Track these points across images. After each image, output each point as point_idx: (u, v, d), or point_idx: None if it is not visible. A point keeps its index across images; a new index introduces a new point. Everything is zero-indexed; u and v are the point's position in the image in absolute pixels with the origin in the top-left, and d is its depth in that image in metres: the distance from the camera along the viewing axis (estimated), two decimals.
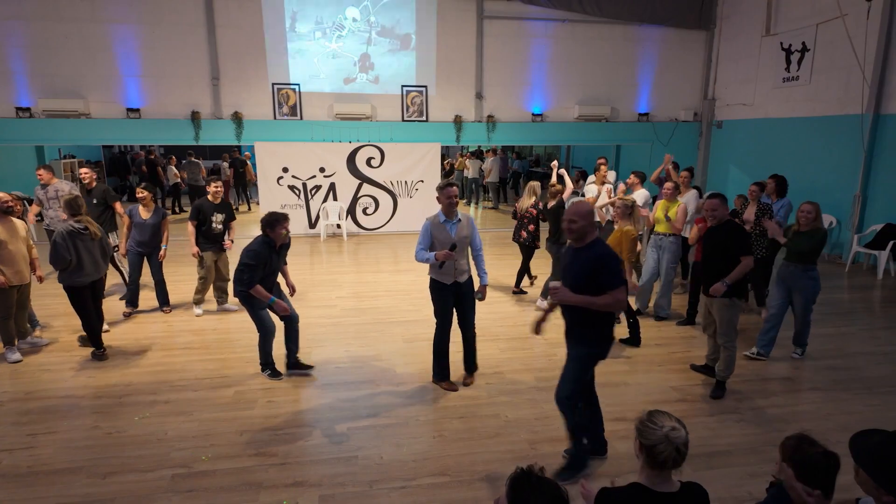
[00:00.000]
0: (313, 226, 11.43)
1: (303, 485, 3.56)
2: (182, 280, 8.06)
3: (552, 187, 7.02)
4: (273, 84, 11.69)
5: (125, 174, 17.90)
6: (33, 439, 4.05)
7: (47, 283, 6.77)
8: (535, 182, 7.58)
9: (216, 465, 3.75)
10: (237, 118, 11.60)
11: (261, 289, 4.65)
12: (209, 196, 6.55)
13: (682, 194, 6.91)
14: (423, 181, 11.64)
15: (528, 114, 12.82)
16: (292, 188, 11.23)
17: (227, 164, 15.07)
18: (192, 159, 14.01)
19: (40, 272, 5.67)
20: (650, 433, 1.95)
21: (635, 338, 5.81)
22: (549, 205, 6.88)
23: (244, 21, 11.35)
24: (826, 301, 7.19)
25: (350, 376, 5.09)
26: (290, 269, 8.77)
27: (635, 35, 12.74)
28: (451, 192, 4.48)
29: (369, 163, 11.40)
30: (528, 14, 12.20)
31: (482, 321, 5.72)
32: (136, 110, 11.19)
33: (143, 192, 6.56)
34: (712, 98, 13.14)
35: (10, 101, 10.76)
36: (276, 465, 3.77)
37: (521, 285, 7.66)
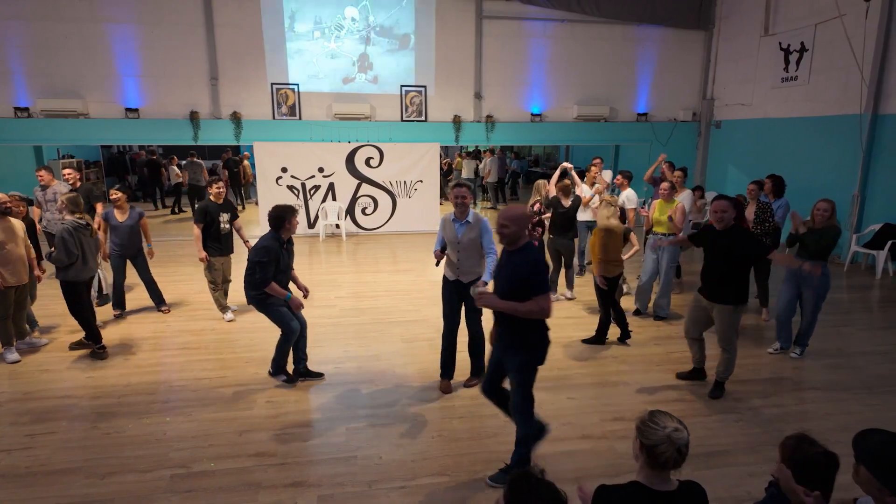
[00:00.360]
0: (312, 226, 11.43)
1: (302, 485, 3.55)
2: (181, 280, 8.05)
3: (564, 185, 7.04)
4: (272, 84, 11.68)
5: (124, 174, 17.87)
6: (32, 440, 4.05)
7: (46, 284, 6.76)
8: (542, 181, 7.49)
9: (215, 466, 3.75)
10: (236, 118, 11.60)
11: (276, 286, 4.57)
12: (211, 197, 6.35)
13: (678, 194, 6.93)
14: (422, 181, 11.64)
15: (527, 114, 12.82)
16: (291, 188, 11.22)
17: (222, 164, 15.03)
18: (193, 160, 13.96)
19: (38, 272, 5.68)
20: (652, 433, 1.95)
21: (601, 337, 5.87)
22: (566, 203, 6.94)
23: (243, 21, 11.35)
24: (825, 301, 7.18)
25: (349, 376, 5.09)
26: None
27: (634, 35, 12.75)
28: (457, 193, 4.48)
29: (368, 163, 11.39)
30: (527, 14, 12.20)
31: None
32: (135, 110, 11.19)
33: (116, 193, 6.32)
34: (711, 98, 13.15)
35: (8, 101, 10.74)
36: (275, 465, 3.76)
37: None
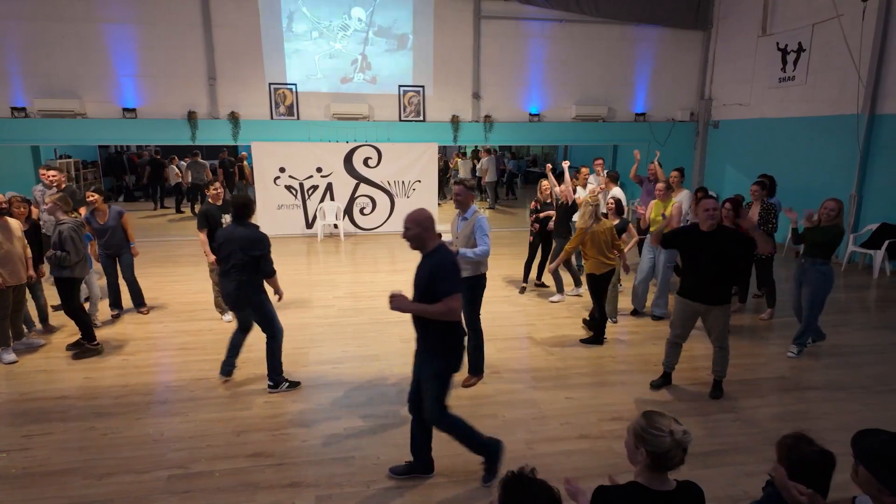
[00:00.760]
0: (310, 226, 11.42)
1: (299, 485, 3.55)
2: (179, 280, 8.04)
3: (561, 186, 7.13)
4: (270, 84, 11.67)
5: (121, 174, 17.85)
6: (29, 440, 4.04)
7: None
8: (545, 181, 7.59)
9: (213, 466, 3.75)
10: (234, 118, 11.58)
11: (276, 278, 4.75)
12: (210, 199, 6.32)
13: (676, 194, 6.93)
14: (420, 181, 11.64)
15: (526, 114, 12.82)
16: (289, 188, 11.21)
17: (218, 164, 14.99)
18: (197, 160, 13.89)
19: (31, 272, 5.65)
20: (659, 441, 1.92)
21: (598, 337, 5.83)
22: (569, 201, 7.06)
23: (241, 21, 11.33)
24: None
25: (347, 376, 5.08)
26: (287, 270, 8.87)
27: (632, 35, 12.75)
28: (455, 191, 4.78)
29: (366, 163, 11.39)
30: (526, 14, 12.20)
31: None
32: (133, 110, 11.16)
33: (93, 195, 6.19)
34: (709, 98, 13.17)
35: (5, 100, 10.71)
36: (273, 465, 3.76)
37: (541, 279, 7.95)
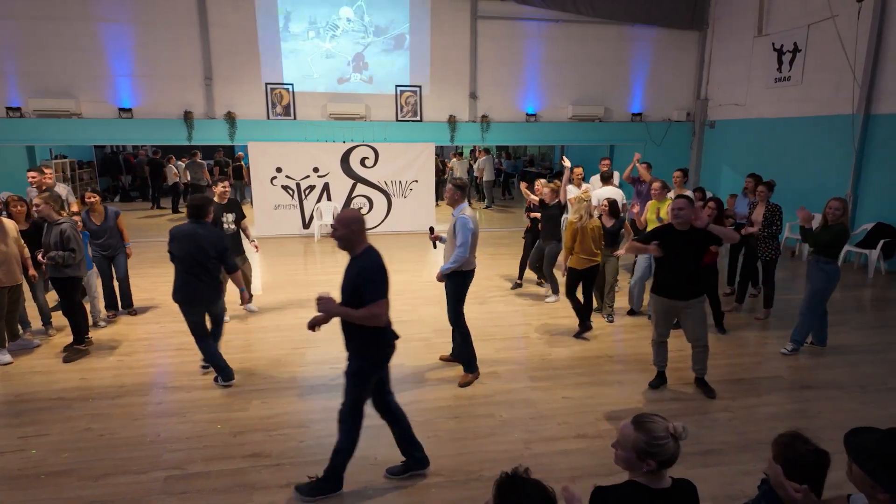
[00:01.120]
0: (307, 226, 11.40)
1: None
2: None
3: (553, 185, 7.05)
4: (266, 84, 11.65)
5: (117, 174, 17.78)
6: (25, 441, 4.02)
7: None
8: (542, 180, 7.61)
9: (210, 467, 3.74)
10: (230, 118, 11.56)
11: (240, 275, 5.08)
12: (216, 197, 6.27)
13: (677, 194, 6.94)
14: (417, 181, 11.63)
15: (522, 114, 12.84)
16: (286, 188, 11.19)
17: (213, 164, 14.94)
18: (196, 160, 13.85)
19: (33, 271, 5.65)
20: (664, 450, 1.95)
21: (585, 322, 6.00)
22: (551, 202, 6.96)
23: (237, 20, 11.31)
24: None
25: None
26: (284, 270, 8.88)
27: (629, 35, 12.78)
28: (446, 189, 4.94)
29: (363, 163, 11.38)
30: (522, 14, 12.22)
31: (476, 321, 5.73)
32: (128, 110, 11.13)
33: (92, 196, 6.14)
34: (705, 98, 13.21)
35: (0, 100, 10.66)
36: (270, 466, 3.75)
37: (538, 279, 7.94)
